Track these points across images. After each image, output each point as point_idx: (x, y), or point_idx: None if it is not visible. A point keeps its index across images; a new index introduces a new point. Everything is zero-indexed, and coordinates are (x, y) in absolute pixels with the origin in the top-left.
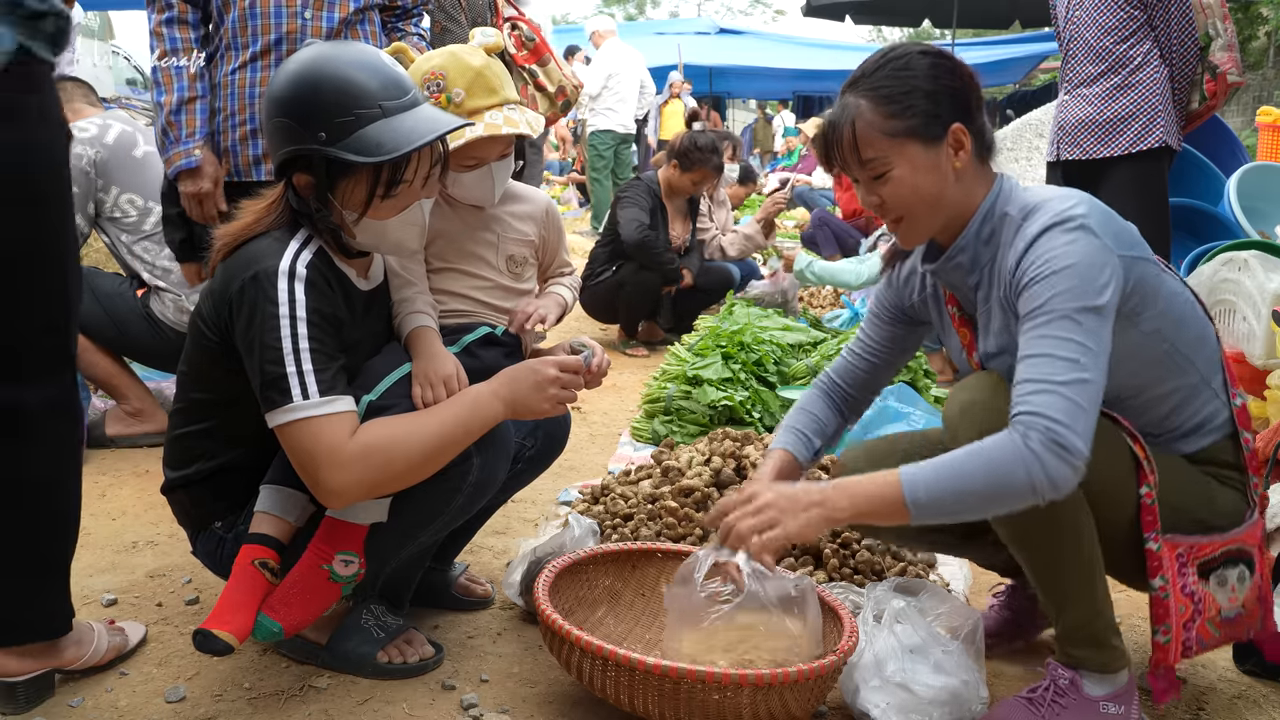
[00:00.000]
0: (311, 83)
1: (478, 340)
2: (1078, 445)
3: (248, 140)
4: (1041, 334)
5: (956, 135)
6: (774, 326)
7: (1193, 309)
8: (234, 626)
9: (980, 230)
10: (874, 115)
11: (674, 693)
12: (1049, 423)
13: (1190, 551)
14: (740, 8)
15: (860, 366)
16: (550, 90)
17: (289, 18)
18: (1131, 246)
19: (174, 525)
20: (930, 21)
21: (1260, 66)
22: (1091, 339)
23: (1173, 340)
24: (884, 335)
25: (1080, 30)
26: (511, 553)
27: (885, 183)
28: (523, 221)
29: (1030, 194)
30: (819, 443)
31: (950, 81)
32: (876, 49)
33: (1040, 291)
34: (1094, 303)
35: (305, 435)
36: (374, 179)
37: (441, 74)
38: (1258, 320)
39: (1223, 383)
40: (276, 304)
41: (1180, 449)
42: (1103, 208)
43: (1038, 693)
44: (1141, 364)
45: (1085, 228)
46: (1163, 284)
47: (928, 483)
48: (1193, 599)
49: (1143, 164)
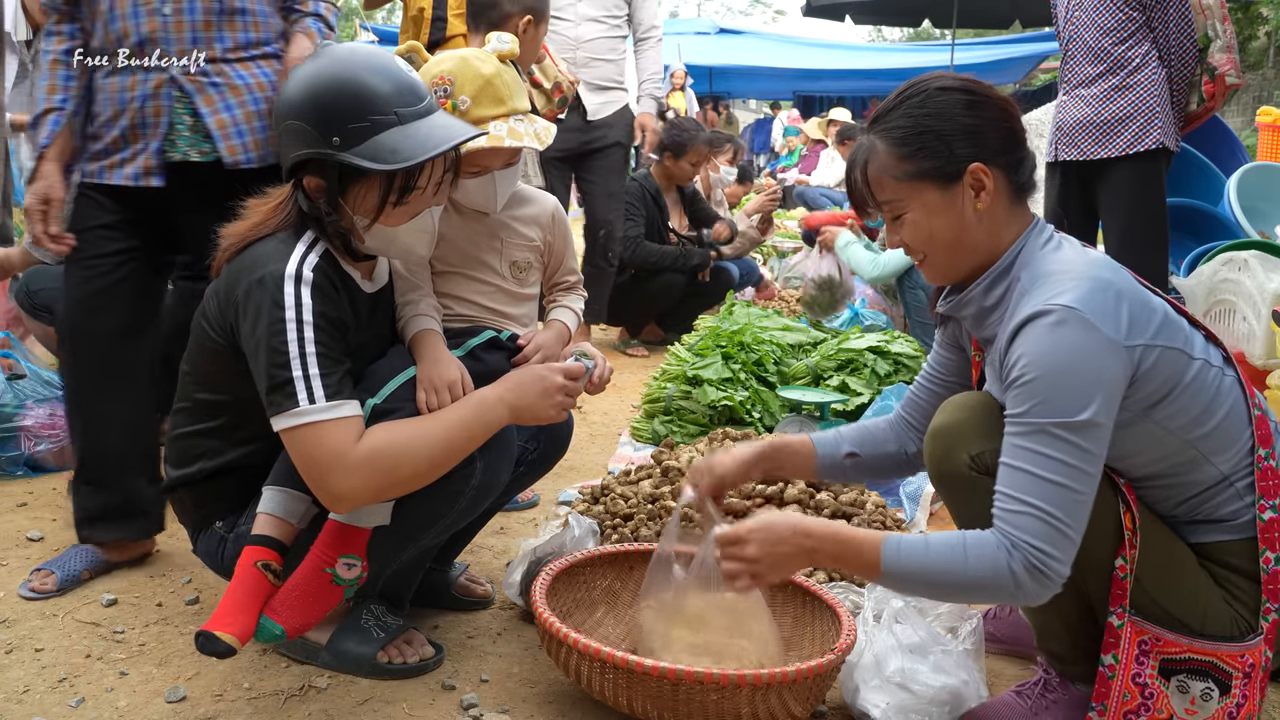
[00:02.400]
0: (327, 87)
1: (482, 344)
2: (1059, 570)
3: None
4: (1022, 445)
5: (976, 176)
6: (774, 326)
7: (1223, 401)
8: (236, 628)
9: (991, 289)
10: (887, 157)
11: (673, 694)
12: (1035, 552)
13: (1155, 643)
14: (740, 8)
15: (920, 395)
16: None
17: (147, 16)
18: (1151, 333)
19: (174, 525)
20: (930, 21)
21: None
22: (1074, 454)
23: (1192, 436)
24: (942, 362)
25: (1079, 31)
26: (511, 553)
27: (902, 224)
28: (528, 225)
29: (1048, 260)
30: (850, 447)
31: (969, 119)
32: (876, 48)
33: (1020, 398)
34: (1074, 419)
35: (310, 440)
36: (387, 186)
37: (450, 80)
38: (1258, 320)
39: (1250, 486)
40: (283, 308)
41: (1188, 537)
42: (1118, 285)
43: (1026, 687)
44: (1156, 456)
45: (1075, 320)
46: (1188, 374)
47: (909, 569)
48: (1142, 691)
49: (1140, 165)
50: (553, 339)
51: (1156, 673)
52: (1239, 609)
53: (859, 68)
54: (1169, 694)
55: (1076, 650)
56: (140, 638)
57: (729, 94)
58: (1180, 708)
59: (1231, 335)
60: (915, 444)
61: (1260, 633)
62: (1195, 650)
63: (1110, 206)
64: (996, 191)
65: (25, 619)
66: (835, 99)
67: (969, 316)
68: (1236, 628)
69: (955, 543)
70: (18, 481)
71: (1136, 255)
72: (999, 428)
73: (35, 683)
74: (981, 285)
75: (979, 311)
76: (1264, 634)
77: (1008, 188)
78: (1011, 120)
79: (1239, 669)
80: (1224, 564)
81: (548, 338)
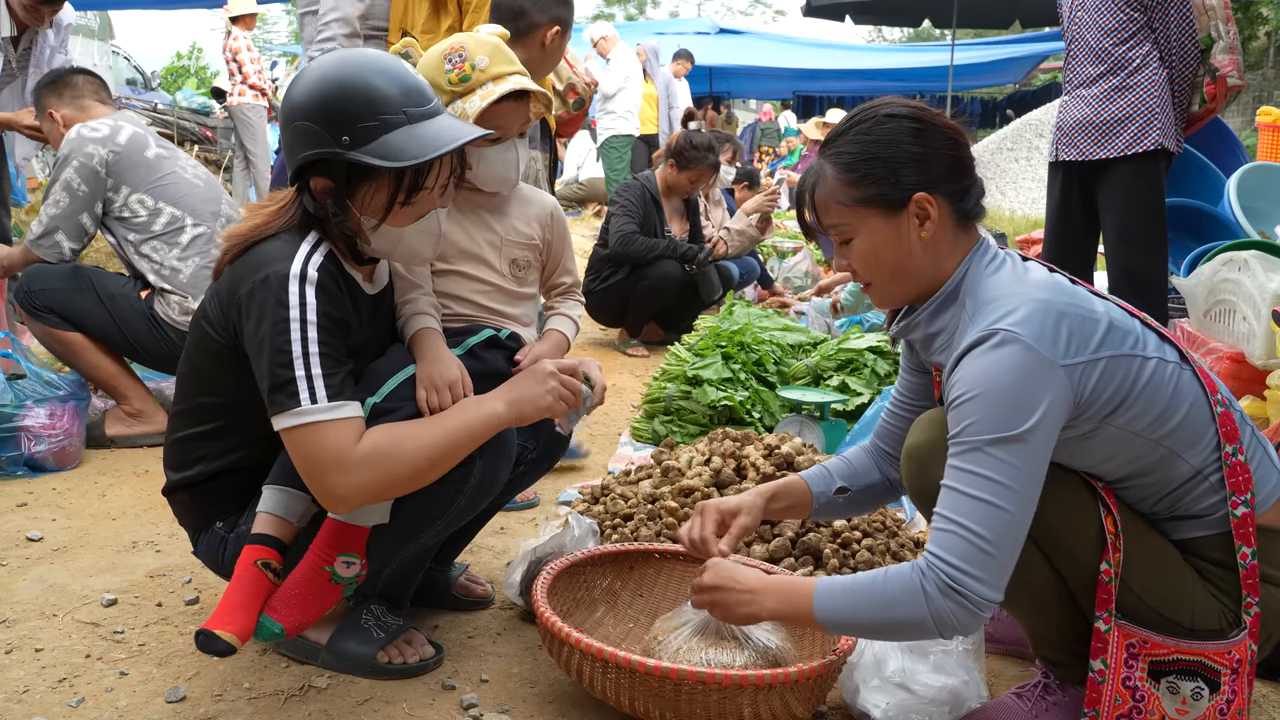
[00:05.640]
0: (336, 88)
1: (481, 343)
2: (979, 590)
3: None
4: (955, 464)
5: (920, 205)
6: (774, 326)
7: (1184, 397)
8: (236, 627)
9: (936, 315)
10: (834, 182)
11: (674, 694)
12: (947, 569)
13: (1143, 645)
14: (740, 8)
15: (891, 422)
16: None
17: None
18: (1092, 347)
19: (174, 525)
20: (930, 21)
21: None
22: (1005, 472)
23: (1158, 435)
24: (909, 386)
25: (1082, 31)
26: (511, 553)
27: (850, 249)
28: (527, 224)
29: (989, 284)
30: (841, 482)
31: (915, 147)
32: (875, 48)
33: (958, 418)
34: (1009, 432)
35: (312, 440)
36: (396, 185)
37: (461, 47)
38: (1258, 320)
39: (1221, 481)
40: (287, 307)
41: (1171, 534)
42: (1057, 305)
43: (1026, 689)
44: (1128, 458)
45: (1013, 342)
46: (1143, 375)
47: (837, 607)
48: (1134, 694)
49: (1139, 165)
50: (550, 350)
51: (1146, 675)
52: (1226, 601)
53: (859, 68)
54: (1160, 695)
55: (1071, 655)
56: (140, 638)
57: (729, 94)
58: (1171, 708)
59: (1231, 335)
60: (896, 471)
61: (1244, 627)
62: (1183, 651)
63: (1110, 206)
64: (941, 220)
65: (25, 619)
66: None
67: (918, 340)
68: (1224, 620)
69: (877, 575)
70: (18, 481)
71: (1136, 255)
72: None
73: (35, 683)
74: (927, 310)
75: (925, 337)
76: (1247, 628)
77: (953, 216)
78: (959, 149)
79: (1227, 665)
80: (1206, 558)
81: (545, 349)
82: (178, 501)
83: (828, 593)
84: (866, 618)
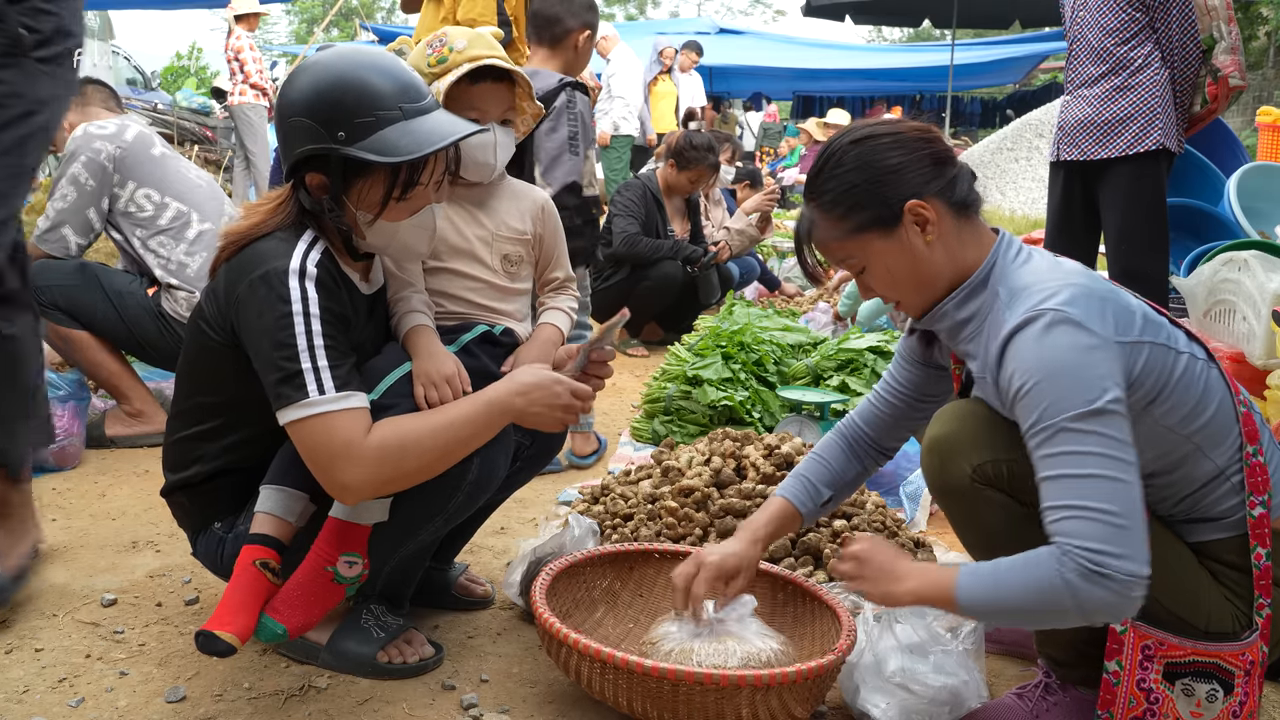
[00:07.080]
0: (332, 85)
1: (475, 339)
2: (1124, 567)
3: None
4: (1047, 453)
5: (915, 212)
6: (774, 326)
7: (1213, 394)
8: (236, 627)
9: (965, 303)
10: (824, 223)
11: (673, 694)
12: (1085, 553)
13: (1159, 647)
14: (740, 8)
15: (883, 410)
16: None
17: None
18: (1136, 331)
19: (174, 525)
20: (930, 21)
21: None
22: (1102, 444)
23: (1188, 430)
24: (906, 377)
25: (1083, 31)
26: (511, 553)
27: (867, 276)
28: (518, 219)
29: (1022, 273)
30: (829, 493)
31: (889, 162)
32: (875, 49)
33: (1030, 407)
34: (1091, 407)
35: (321, 431)
36: (391, 180)
37: (443, 33)
38: (1258, 320)
39: (1241, 482)
40: (289, 301)
41: (1186, 536)
42: (1098, 290)
43: (1027, 689)
44: (1157, 453)
45: (1065, 321)
46: (1177, 368)
47: (982, 599)
48: (1148, 696)
49: (1140, 165)
50: (539, 352)
51: (1161, 677)
52: (1239, 604)
53: (859, 68)
54: (1174, 697)
55: (1075, 655)
56: (140, 638)
57: (729, 94)
58: (1186, 710)
59: (1231, 335)
60: (878, 461)
61: (1256, 629)
62: (1199, 652)
63: (1111, 206)
64: (940, 218)
65: (25, 619)
66: (835, 99)
67: (944, 330)
68: (1237, 624)
69: (1019, 563)
70: None
71: (1137, 255)
72: (1001, 437)
73: (35, 683)
74: (955, 299)
75: (953, 325)
76: (1259, 629)
77: (950, 209)
78: (931, 144)
79: (1240, 667)
80: (1221, 560)
81: (534, 352)
82: (176, 503)
83: (972, 581)
84: (1020, 609)
